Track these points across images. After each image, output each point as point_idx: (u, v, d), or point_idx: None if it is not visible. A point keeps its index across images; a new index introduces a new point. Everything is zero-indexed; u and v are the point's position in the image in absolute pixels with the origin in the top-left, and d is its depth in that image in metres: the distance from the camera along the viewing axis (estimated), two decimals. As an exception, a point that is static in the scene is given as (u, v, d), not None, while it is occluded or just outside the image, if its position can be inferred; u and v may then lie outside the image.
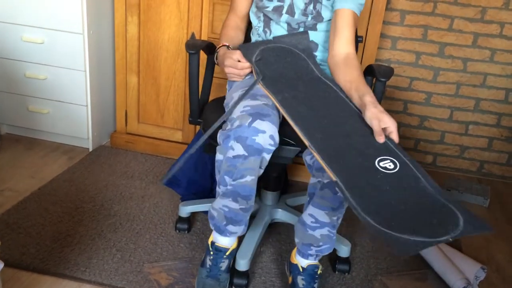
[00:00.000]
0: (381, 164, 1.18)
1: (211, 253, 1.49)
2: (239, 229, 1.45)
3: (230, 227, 1.43)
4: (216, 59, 1.56)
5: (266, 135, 1.29)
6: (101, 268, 1.58)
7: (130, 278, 1.55)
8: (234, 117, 1.35)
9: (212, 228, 1.47)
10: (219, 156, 1.38)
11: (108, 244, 1.70)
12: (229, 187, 1.37)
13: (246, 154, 1.30)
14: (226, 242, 1.48)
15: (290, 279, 1.52)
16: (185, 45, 1.63)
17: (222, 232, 1.45)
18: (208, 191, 1.94)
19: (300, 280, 1.47)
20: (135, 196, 2.01)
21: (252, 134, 1.29)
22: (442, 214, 1.07)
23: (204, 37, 2.20)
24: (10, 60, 2.25)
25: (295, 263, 1.50)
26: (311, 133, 1.25)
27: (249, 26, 1.73)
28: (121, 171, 2.21)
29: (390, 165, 1.18)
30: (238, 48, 1.51)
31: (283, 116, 1.37)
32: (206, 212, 1.91)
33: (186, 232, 1.81)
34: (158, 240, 1.75)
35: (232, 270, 1.58)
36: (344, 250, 1.68)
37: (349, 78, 1.41)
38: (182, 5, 2.18)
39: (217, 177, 1.42)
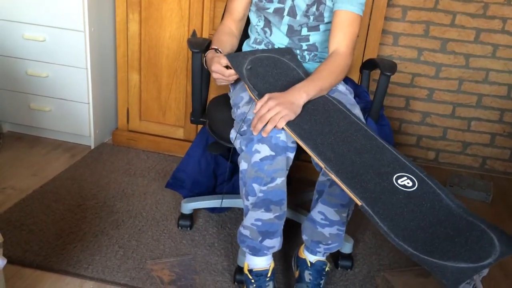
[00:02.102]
0: (399, 181, 1.18)
1: (253, 281, 1.43)
2: (276, 242, 1.41)
3: (267, 242, 1.39)
4: (205, 62, 1.53)
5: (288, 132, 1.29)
6: (103, 265, 1.58)
7: (133, 274, 1.55)
8: (251, 119, 1.34)
9: (246, 250, 1.43)
10: (243, 165, 1.34)
11: (111, 241, 1.70)
12: (259, 194, 1.33)
13: (274, 153, 1.28)
14: (264, 263, 1.43)
15: (297, 273, 1.52)
16: (188, 43, 1.63)
17: (258, 251, 1.41)
18: (211, 190, 1.94)
19: (307, 275, 1.47)
20: (137, 193, 2.01)
21: (275, 132, 1.28)
22: (474, 234, 1.07)
23: (205, 34, 2.20)
24: (12, 58, 2.25)
25: (303, 257, 1.50)
26: (322, 151, 1.23)
27: (247, 23, 1.71)
28: (123, 168, 2.21)
29: (408, 183, 1.18)
30: (226, 56, 1.45)
31: None
32: (208, 209, 1.92)
33: (188, 229, 1.81)
34: (161, 237, 1.75)
35: (235, 268, 1.58)
36: (346, 247, 1.67)
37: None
38: (183, 2, 2.18)
39: (243, 191, 1.37)
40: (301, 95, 1.32)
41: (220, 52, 1.50)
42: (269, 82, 1.41)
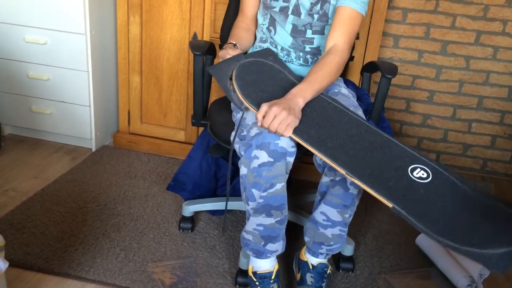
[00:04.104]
0: (414, 174, 1.20)
1: (257, 283, 1.44)
2: (279, 246, 1.42)
3: (270, 246, 1.40)
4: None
5: (287, 138, 1.29)
6: (105, 268, 1.58)
7: (134, 277, 1.55)
8: (249, 124, 1.34)
9: (250, 253, 1.44)
10: (243, 170, 1.34)
11: (112, 243, 1.70)
12: (259, 200, 1.33)
13: (272, 160, 1.28)
14: (268, 265, 1.45)
15: (298, 275, 1.52)
16: (189, 46, 1.63)
17: (261, 254, 1.42)
18: (212, 193, 1.94)
19: (309, 278, 1.47)
20: (138, 196, 2.01)
21: (274, 138, 1.27)
22: (500, 215, 1.12)
23: (206, 37, 2.20)
24: (13, 61, 2.25)
25: (304, 260, 1.51)
26: (337, 156, 1.23)
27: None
28: (124, 171, 2.21)
29: (423, 174, 1.21)
30: (208, 69, 1.43)
31: None
32: (209, 212, 1.92)
33: (190, 231, 1.81)
34: (162, 239, 1.75)
35: (236, 271, 1.59)
36: (348, 249, 1.68)
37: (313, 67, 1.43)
38: (184, 5, 2.18)
39: (243, 195, 1.38)
40: (297, 100, 1.30)
41: (237, 47, 1.50)
42: (260, 89, 1.39)
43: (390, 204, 1.13)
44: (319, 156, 1.24)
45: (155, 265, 1.62)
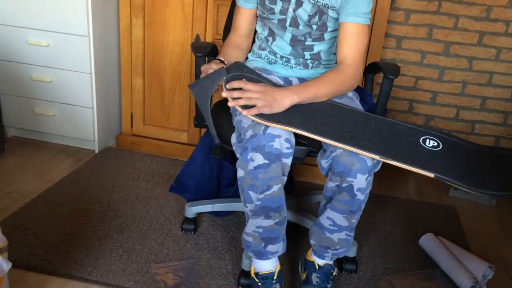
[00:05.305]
0: (427, 144, 1.30)
1: (260, 284, 1.45)
2: (279, 247, 1.43)
3: (270, 247, 1.41)
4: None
5: (282, 139, 1.29)
6: (108, 269, 1.58)
7: (137, 278, 1.55)
8: (245, 127, 1.34)
9: (251, 255, 1.45)
10: (240, 173, 1.35)
11: (115, 245, 1.70)
12: (257, 203, 1.34)
13: (267, 162, 1.28)
14: (269, 266, 1.45)
15: (304, 275, 1.52)
16: (191, 47, 1.64)
17: (262, 256, 1.42)
18: (214, 194, 1.94)
19: (314, 277, 1.47)
20: (141, 197, 2.02)
21: (268, 140, 1.28)
22: (506, 161, 1.31)
23: (209, 38, 2.20)
24: (16, 63, 2.26)
25: (311, 260, 1.51)
26: (362, 144, 1.27)
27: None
28: (127, 172, 2.21)
29: (434, 143, 1.31)
30: (189, 87, 1.42)
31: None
32: (211, 213, 1.92)
33: (192, 232, 1.81)
34: (165, 240, 1.76)
35: (239, 272, 1.59)
36: (351, 250, 1.67)
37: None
38: (187, 7, 2.19)
39: (241, 197, 1.39)
40: (289, 94, 1.31)
41: (224, 64, 1.48)
42: None
43: (431, 174, 1.21)
44: (345, 148, 1.27)
45: (157, 266, 1.62)
